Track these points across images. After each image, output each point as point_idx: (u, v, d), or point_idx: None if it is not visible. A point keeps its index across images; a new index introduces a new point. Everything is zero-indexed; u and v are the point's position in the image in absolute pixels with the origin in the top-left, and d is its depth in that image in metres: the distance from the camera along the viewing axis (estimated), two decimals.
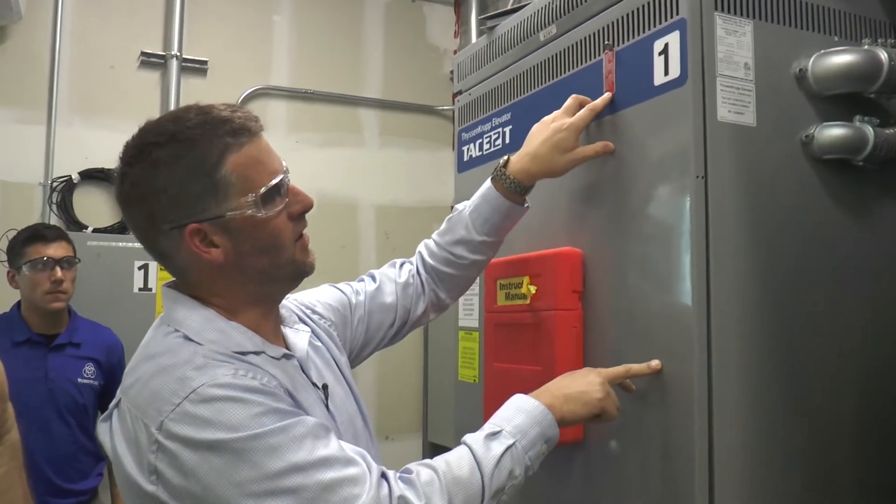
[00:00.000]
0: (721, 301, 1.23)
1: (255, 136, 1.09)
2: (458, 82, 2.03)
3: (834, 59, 1.32)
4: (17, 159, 3.52)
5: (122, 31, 3.75)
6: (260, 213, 1.07)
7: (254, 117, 1.10)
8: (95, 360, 2.57)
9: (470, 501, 1.04)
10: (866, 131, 1.33)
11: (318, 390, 1.17)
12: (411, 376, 4.15)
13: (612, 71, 1.42)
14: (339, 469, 0.97)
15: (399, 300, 1.46)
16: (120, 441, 1.02)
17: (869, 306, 1.37)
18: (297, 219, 1.13)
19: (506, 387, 1.53)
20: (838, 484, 1.32)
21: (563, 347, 1.43)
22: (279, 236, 1.10)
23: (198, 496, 0.94)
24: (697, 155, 1.25)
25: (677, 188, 1.27)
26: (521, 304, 1.54)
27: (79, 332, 2.59)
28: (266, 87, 4.01)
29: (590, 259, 1.46)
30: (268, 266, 1.11)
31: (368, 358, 1.49)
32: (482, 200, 1.45)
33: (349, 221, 4.14)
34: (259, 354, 1.09)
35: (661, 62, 1.31)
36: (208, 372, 0.99)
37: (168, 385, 0.98)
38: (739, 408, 1.23)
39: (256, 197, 1.06)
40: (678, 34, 1.28)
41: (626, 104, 1.39)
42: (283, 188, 1.10)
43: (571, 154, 1.41)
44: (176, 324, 1.09)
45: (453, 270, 1.48)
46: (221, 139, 1.05)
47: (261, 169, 1.08)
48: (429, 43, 4.43)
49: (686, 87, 1.26)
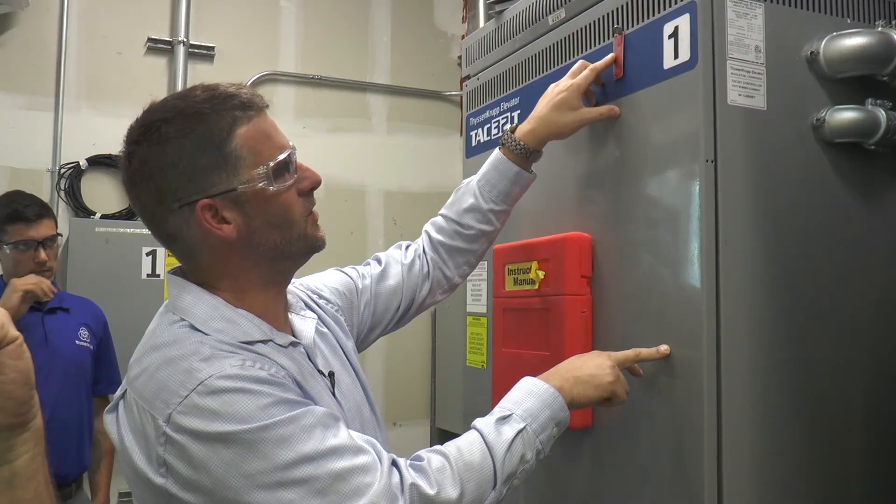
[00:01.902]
0: (731, 285, 1.22)
1: (262, 111, 1.09)
2: (466, 67, 2.02)
3: (846, 42, 1.31)
4: (25, 146, 3.52)
5: (129, 17, 3.74)
6: (272, 186, 1.06)
7: (258, 94, 1.10)
8: (87, 325, 2.57)
9: (482, 487, 1.04)
10: (878, 115, 1.31)
11: (324, 378, 1.16)
12: (419, 362, 4.16)
13: (621, 55, 1.41)
14: (349, 458, 0.97)
15: (405, 282, 1.45)
16: (127, 433, 1.01)
17: (879, 290, 1.36)
18: (306, 195, 1.13)
19: (514, 372, 1.53)
20: (848, 465, 1.32)
21: (572, 332, 1.43)
22: (290, 210, 1.09)
23: (208, 489, 0.94)
24: (707, 139, 1.24)
25: (687, 172, 1.26)
26: (530, 290, 1.54)
27: (67, 300, 2.59)
28: (273, 73, 3.99)
29: (599, 244, 1.45)
30: (280, 242, 1.09)
31: (375, 343, 1.48)
32: (490, 167, 1.46)
33: (357, 207, 4.14)
34: (266, 343, 1.08)
35: (670, 45, 1.30)
36: (216, 363, 0.98)
37: (175, 377, 0.98)
38: (748, 391, 1.23)
39: (268, 169, 1.06)
40: (688, 17, 1.26)
41: (635, 88, 1.38)
42: (292, 163, 1.10)
43: (576, 114, 1.41)
44: (182, 312, 1.07)
45: (461, 243, 1.47)
46: (230, 112, 1.05)
47: (270, 143, 1.08)
48: (437, 28, 4.41)
49: (696, 71, 1.25)
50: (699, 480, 1.20)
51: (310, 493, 0.93)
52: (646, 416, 1.31)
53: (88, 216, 3.52)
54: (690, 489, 1.22)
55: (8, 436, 0.81)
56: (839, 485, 1.31)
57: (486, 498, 1.04)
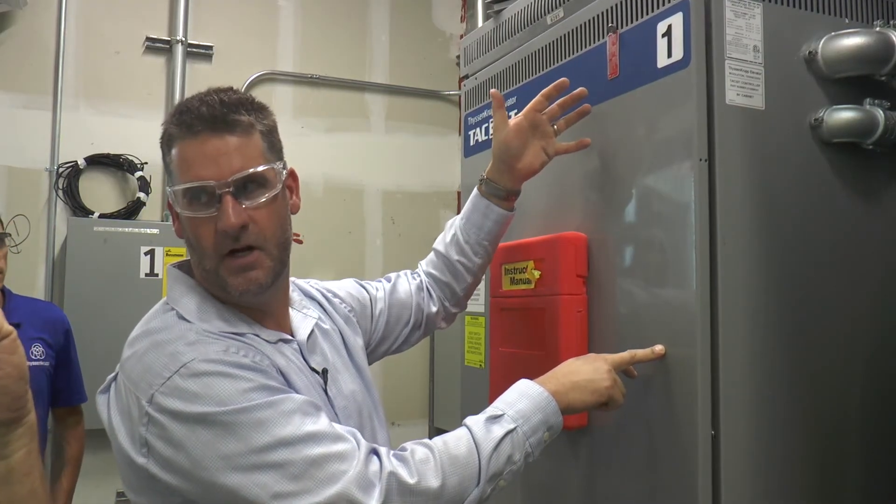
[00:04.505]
0: (729, 284, 1.22)
1: (200, 134, 1.06)
2: (464, 66, 2.01)
3: (844, 42, 1.31)
4: (23, 145, 3.52)
5: (127, 16, 3.74)
6: (177, 207, 1.09)
7: (214, 119, 1.06)
8: (41, 339, 2.30)
9: (465, 482, 1.04)
10: (876, 114, 1.31)
11: (316, 375, 1.17)
12: (418, 362, 4.16)
13: (615, 53, 1.41)
14: (326, 445, 0.98)
15: (414, 297, 1.49)
16: (115, 414, 1.04)
17: (876, 289, 1.36)
18: (223, 236, 1.06)
19: (511, 371, 1.53)
20: (845, 464, 1.32)
21: (568, 332, 1.43)
22: (199, 239, 1.08)
23: (186, 469, 0.96)
24: (701, 137, 1.24)
25: (681, 171, 1.26)
26: (526, 289, 1.54)
27: (17, 312, 2.25)
28: (272, 73, 3.99)
29: (595, 243, 1.45)
30: (198, 262, 1.11)
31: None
32: (470, 203, 1.48)
33: (355, 206, 4.14)
34: (254, 336, 1.11)
35: (664, 44, 1.30)
36: (199, 348, 1.01)
37: (160, 360, 1.00)
38: (746, 390, 1.23)
39: (173, 190, 1.09)
40: (681, 15, 1.26)
41: (630, 87, 1.38)
42: (204, 196, 1.07)
43: (529, 145, 1.41)
44: (173, 302, 1.11)
45: (450, 276, 1.50)
46: (175, 127, 1.09)
47: (185, 168, 1.07)
48: (435, 27, 4.41)
49: (690, 69, 1.25)
50: (693, 479, 1.20)
51: (284, 478, 0.94)
52: (641, 416, 1.31)
53: (87, 215, 3.51)
54: (687, 488, 1.22)
55: (4, 431, 0.81)
56: (836, 483, 1.31)
57: (469, 494, 1.04)
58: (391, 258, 4.14)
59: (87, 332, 2.94)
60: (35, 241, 3.43)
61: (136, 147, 3.63)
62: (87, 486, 2.67)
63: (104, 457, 2.57)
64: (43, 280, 3.47)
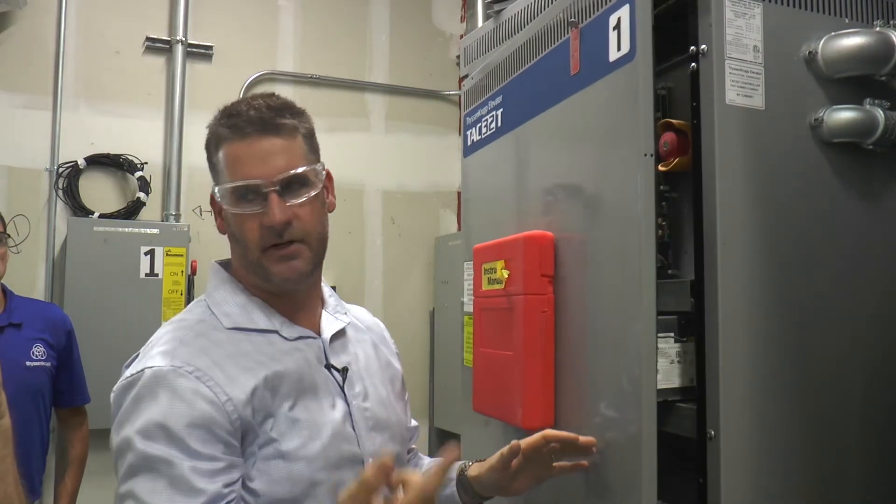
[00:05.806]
0: (728, 285, 1.22)
1: (248, 137, 1.13)
2: (464, 66, 2.01)
3: (844, 42, 1.31)
4: (23, 145, 3.52)
5: (127, 16, 3.74)
6: (225, 205, 1.15)
7: (263, 123, 1.13)
8: (42, 339, 2.31)
9: None
10: (876, 114, 1.31)
11: (336, 372, 1.21)
12: (418, 362, 4.15)
13: (577, 49, 1.40)
14: None
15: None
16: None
17: (877, 288, 1.36)
18: (267, 229, 1.13)
19: (490, 372, 1.52)
20: (845, 462, 1.32)
21: (531, 332, 1.41)
22: (244, 233, 1.15)
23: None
24: (647, 132, 1.23)
25: (628, 166, 1.26)
26: (498, 289, 1.52)
27: (18, 312, 2.30)
28: (272, 73, 3.99)
29: (563, 243, 1.43)
30: (242, 255, 1.17)
31: None
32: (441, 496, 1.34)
33: (355, 206, 4.14)
34: (272, 333, 1.16)
35: (615, 37, 1.29)
36: (163, 358, 1.08)
37: (143, 353, 1.13)
38: (745, 392, 1.23)
39: (222, 189, 1.14)
40: (628, 7, 1.26)
41: (587, 82, 1.37)
42: (249, 194, 1.13)
43: (524, 474, 1.30)
44: (207, 295, 1.21)
45: None
46: (223, 129, 1.15)
47: (234, 168, 1.13)
48: (435, 27, 4.41)
49: (636, 62, 1.24)
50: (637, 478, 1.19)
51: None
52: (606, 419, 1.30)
53: (87, 215, 3.51)
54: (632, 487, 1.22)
55: None
56: (836, 482, 1.31)
57: None
58: (391, 258, 4.14)
59: (87, 332, 2.91)
60: (35, 241, 3.44)
61: (136, 147, 3.63)
62: (90, 487, 2.66)
63: (108, 457, 2.57)
64: (43, 280, 3.47)
